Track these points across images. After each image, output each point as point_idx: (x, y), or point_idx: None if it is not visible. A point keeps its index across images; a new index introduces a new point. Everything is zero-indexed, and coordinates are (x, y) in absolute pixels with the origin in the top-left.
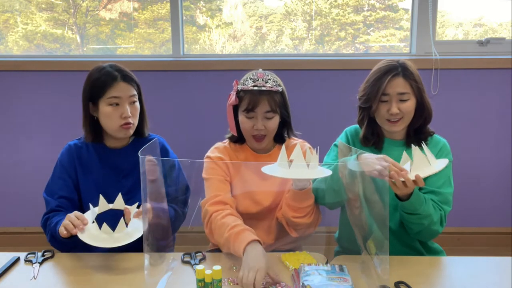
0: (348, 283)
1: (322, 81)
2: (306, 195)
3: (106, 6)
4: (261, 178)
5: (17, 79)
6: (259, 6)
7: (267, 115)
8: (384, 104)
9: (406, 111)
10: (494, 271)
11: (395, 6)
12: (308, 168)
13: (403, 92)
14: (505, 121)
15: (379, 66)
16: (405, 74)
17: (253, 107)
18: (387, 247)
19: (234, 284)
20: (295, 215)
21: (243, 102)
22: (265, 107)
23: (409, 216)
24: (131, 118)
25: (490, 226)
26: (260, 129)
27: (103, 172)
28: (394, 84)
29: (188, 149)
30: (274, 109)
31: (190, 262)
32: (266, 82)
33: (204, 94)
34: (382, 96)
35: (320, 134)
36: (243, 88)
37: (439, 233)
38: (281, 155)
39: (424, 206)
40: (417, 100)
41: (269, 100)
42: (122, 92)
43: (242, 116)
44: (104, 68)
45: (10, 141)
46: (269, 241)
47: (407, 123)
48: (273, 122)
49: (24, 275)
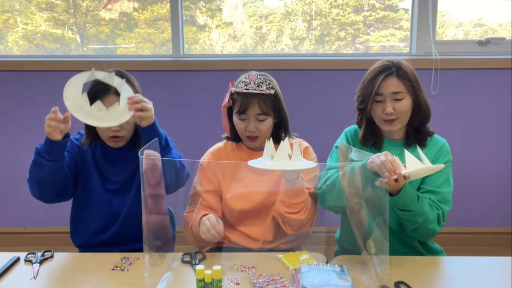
0: (348, 283)
1: (322, 81)
2: (298, 191)
3: (106, 6)
4: (254, 174)
5: (17, 79)
6: (259, 6)
7: (259, 117)
8: (379, 104)
9: (401, 110)
10: (494, 271)
11: (395, 6)
12: (291, 160)
13: (396, 92)
14: (505, 121)
15: (374, 67)
16: (398, 73)
17: (244, 109)
18: (387, 247)
19: (234, 284)
20: (288, 211)
21: (236, 104)
22: (256, 110)
23: (402, 213)
24: (121, 132)
25: (490, 226)
26: (252, 131)
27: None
28: (387, 84)
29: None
30: (266, 111)
31: (190, 262)
32: (258, 86)
33: (204, 94)
34: (377, 96)
35: (320, 134)
36: (236, 91)
37: (437, 232)
38: (265, 149)
39: (417, 204)
40: (413, 99)
41: (260, 103)
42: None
43: (235, 118)
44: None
45: (10, 141)
46: (267, 238)
47: (404, 122)
48: (265, 124)
49: (24, 275)
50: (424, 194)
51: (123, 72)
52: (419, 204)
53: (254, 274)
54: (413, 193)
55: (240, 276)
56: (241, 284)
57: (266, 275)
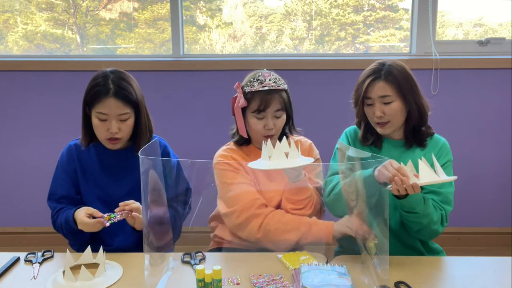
0: (348, 283)
1: (322, 81)
2: (302, 187)
3: (106, 6)
4: (268, 178)
5: (17, 79)
6: (259, 6)
7: (277, 113)
8: (370, 107)
9: (391, 113)
10: (494, 271)
11: (395, 6)
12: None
13: (383, 95)
14: (505, 121)
15: (366, 69)
16: (386, 77)
17: (265, 107)
18: (387, 247)
19: (234, 284)
20: (293, 207)
21: (252, 103)
22: (275, 106)
23: (407, 215)
24: (119, 134)
25: (490, 226)
26: (271, 128)
27: (103, 172)
28: (375, 88)
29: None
30: (283, 107)
31: (190, 262)
32: (274, 82)
33: (204, 94)
34: (366, 99)
35: (320, 134)
36: (251, 90)
37: (440, 233)
38: (263, 150)
39: (422, 206)
40: (404, 102)
41: (278, 99)
42: (110, 109)
43: (252, 118)
44: (103, 76)
45: (10, 141)
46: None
47: (396, 125)
48: (281, 120)
49: (24, 275)
50: (426, 194)
51: (121, 73)
52: (425, 206)
53: (254, 274)
54: (420, 196)
55: (240, 276)
56: (241, 284)
57: (266, 275)
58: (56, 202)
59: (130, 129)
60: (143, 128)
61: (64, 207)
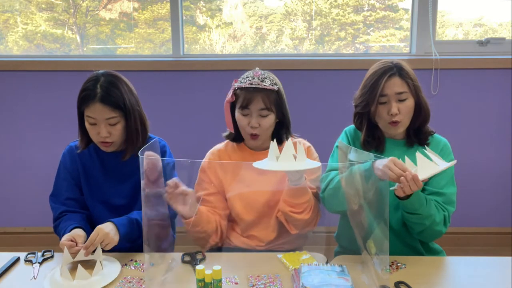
0: (348, 283)
1: (322, 81)
2: (302, 191)
3: (106, 6)
4: (257, 174)
5: (17, 79)
6: (259, 6)
7: (262, 112)
8: (383, 106)
9: (406, 111)
10: (494, 271)
11: (395, 6)
12: (296, 161)
13: (401, 92)
14: (505, 121)
15: (374, 69)
16: (401, 73)
17: (247, 104)
18: (387, 247)
19: (234, 284)
20: (292, 210)
21: (239, 99)
22: (259, 104)
23: (410, 216)
24: (110, 138)
25: (490, 226)
26: (254, 126)
27: (104, 175)
28: (391, 84)
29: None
30: (269, 107)
31: (190, 262)
32: (262, 81)
33: (204, 94)
34: (381, 97)
35: (320, 134)
36: (239, 86)
37: (442, 234)
38: (270, 150)
39: (425, 207)
40: (415, 99)
41: (263, 98)
42: (97, 114)
43: (238, 113)
44: (94, 79)
45: (10, 141)
46: (269, 238)
47: (406, 125)
48: (267, 120)
49: (24, 275)
50: (429, 195)
51: (113, 76)
52: (427, 207)
53: (253, 274)
54: (422, 197)
55: (239, 276)
56: (240, 284)
57: (266, 276)
58: (61, 203)
59: (121, 132)
60: (133, 133)
61: (67, 212)
